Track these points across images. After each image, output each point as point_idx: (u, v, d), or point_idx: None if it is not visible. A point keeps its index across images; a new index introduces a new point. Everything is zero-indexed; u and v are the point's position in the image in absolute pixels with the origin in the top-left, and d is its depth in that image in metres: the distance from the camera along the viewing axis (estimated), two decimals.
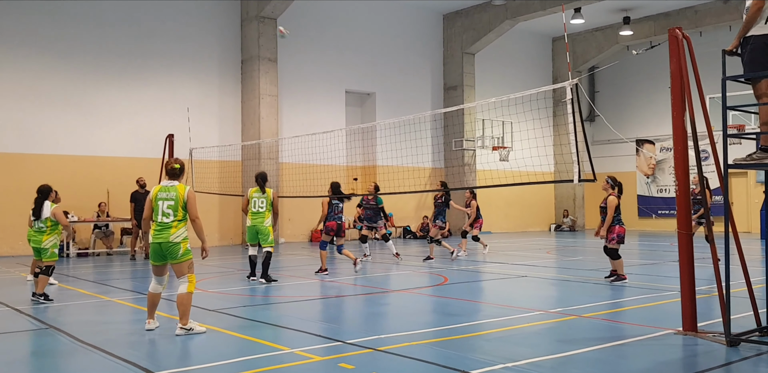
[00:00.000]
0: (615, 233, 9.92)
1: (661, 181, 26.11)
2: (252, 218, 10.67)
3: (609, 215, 9.88)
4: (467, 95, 23.81)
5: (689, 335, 6.15)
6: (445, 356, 5.42)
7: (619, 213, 9.98)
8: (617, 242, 9.92)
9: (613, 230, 9.93)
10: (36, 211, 8.80)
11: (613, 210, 9.88)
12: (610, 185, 10.08)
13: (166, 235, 6.51)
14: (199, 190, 16.64)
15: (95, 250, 16.50)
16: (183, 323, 6.45)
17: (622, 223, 10.04)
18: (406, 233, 22.66)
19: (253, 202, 10.70)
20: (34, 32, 16.55)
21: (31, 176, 15.42)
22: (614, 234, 9.92)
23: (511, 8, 22.18)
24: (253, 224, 10.65)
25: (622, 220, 10.09)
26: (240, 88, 19.85)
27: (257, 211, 10.67)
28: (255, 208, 10.68)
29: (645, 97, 26.49)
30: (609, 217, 9.89)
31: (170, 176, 6.77)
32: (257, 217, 10.64)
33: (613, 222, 9.94)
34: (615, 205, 9.88)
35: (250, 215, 10.70)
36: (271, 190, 10.90)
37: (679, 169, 6.44)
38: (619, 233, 9.92)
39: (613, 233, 9.93)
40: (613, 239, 9.92)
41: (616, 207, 9.89)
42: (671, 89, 6.45)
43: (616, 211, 9.91)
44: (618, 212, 9.96)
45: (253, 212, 10.68)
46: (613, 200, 9.91)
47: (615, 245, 9.93)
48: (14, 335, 6.78)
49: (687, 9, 23.34)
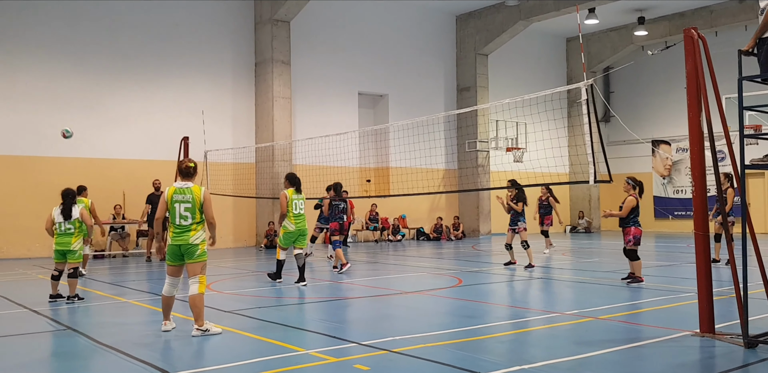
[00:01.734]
0: (631, 234, 9.86)
1: (678, 183, 25.91)
2: (296, 221, 10.11)
3: (623, 212, 9.82)
4: (480, 96, 23.77)
5: (707, 336, 6.10)
6: (460, 358, 5.41)
7: (637, 215, 9.90)
8: (634, 244, 9.86)
9: (629, 231, 9.87)
10: (66, 212, 8.89)
11: (628, 210, 9.80)
12: (631, 186, 10.01)
13: (186, 237, 6.58)
14: (213, 192, 16.74)
15: (111, 252, 16.63)
16: (199, 325, 6.49)
17: (639, 224, 9.95)
18: (419, 234, 22.64)
19: (294, 204, 10.12)
20: (50, 36, 16.72)
21: (47, 179, 15.59)
22: (630, 235, 9.87)
23: (524, 9, 22.11)
24: (298, 228, 10.10)
25: (639, 221, 10.00)
26: (254, 90, 19.94)
27: (299, 213, 10.15)
28: (296, 210, 10.12)
29: (660, 97, 26.31)
30: (623, 213, 9.82)
31: (184, 176, 6.76)
32: (300, 219, 10.15)
33: (629, 223, 9.87)
34: (632, 206, 9.80)
35: (293, 219, 10.10)
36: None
37: (696, 170, 6.38)
38: (635, 235, 9.85)
39: (629, 234, 9.87)
40: (630, 240, 9.87)
41: (633, 208, 9.81)
42: (687, 89, 6.40)
43: (633, 212, 9.83)
44: (636, 214, 9.88)
45: (295, 215, 10.11)
46: (631, 200, 9.84)
47: (633, 246, 9.88)
48: (33, 336, 6.85)
49: (702, 9, 23.17)
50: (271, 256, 16.37)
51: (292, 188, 10.19)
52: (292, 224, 10.06)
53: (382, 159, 21.76)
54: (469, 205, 23.98)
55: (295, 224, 10.03)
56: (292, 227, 10.05)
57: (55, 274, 8.97)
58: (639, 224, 9.96)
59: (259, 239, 19.47)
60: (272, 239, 18.52)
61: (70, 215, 8.88)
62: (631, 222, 9.88)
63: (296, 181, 10.24)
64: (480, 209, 23.73)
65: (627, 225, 9.89)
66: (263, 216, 19.44)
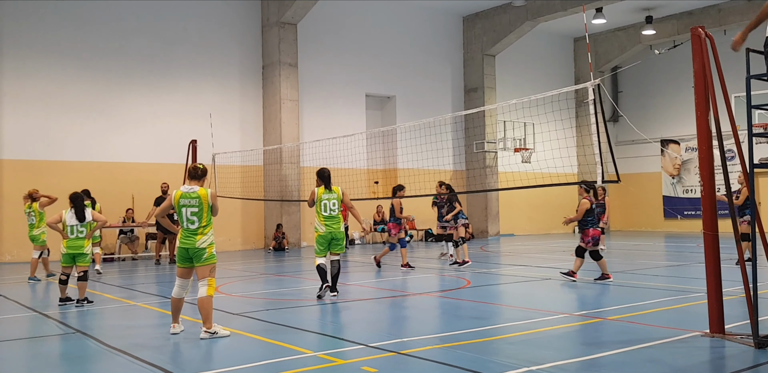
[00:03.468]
0: (590, 235, 10.23)
1: (687, 182, 25.77)
2: (326, 223, 8.96)
3: (577, 216, 10.28)
4: (488, 97, 23.73)
5: (716, 337, 6.06)
6: (468, 360, 5.40)
7: (593, 217, 10.37)
8: (593, 244, 10.24)
9: (587, 232, 10.25)
10: (79, 214, 8.94)
11: (582, 213, 10.23)
12: (584, 189, 10.46)
13: (192, 241, 6.59)
14: (221, 195, 16.80)
15: (121, 255, 16.70)
16: (207, 327, 6.50)
17: (597, 226, 10.38)
18: (427, 235, 22.62)
19: (323, 205, 8.97)
20: (59, 41, 16.83)
21: (57, 183, 15.66)
22: (589, 237, 10.24)
23: (531, 9, 22.07)
24: (328, 231, 8.93)
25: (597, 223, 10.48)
26: (261, 93, 19.99)
27: (330, 215, 8.97)
28: (326, 212, 8.95)
29: (669, 96, 26.19)
30: (578, 217, 10.29)
31: (192, 178, 6.76)
32: (332, 222, 8.98)
33: (587, 225, 10.28)
34: (585, 209, 10.23)
35: (323, 221, 8.96)
36: (339, 187, 9.24)
37: (704, 169, 6.35)
38: (593, 236, 10.25)
39: (588, 235, 10.24)
40: (589, 241, 10.24)
41: (588, 210, 10.24)
42: (695, 88, 6.37)
43: (588, 214, 10.27)
44: (592, 216, 10.34)
45: (325, 217, 8.96)
46: (584, 203, 10.28)
47: (591, 247, 10.26)
48: (42, 339, 6.88)
49: (710, 7, 23.06)
50: (280, 258, 16.41)
51: (321, 187, 9.14)
52: (322, 226, 8.98)
53: (390, 160, 21.75)
54: (477, 206, 23.94)
55: (326, 226, 8.95)
56: (322, 230, 8.97)
57: (63, 278, 9.00)
58: (597, 225, 10.37)
59: (267, 241, 19.50)
60: (280, 241, 18.55)
61: (84, 217, 8.93)
62: (589, 224, 10.26)
63: (325, 177, 9.14)
64: (488, 210, 23.69)
65: (585, 227, 10.26)
66: (271, 219, 19.48)
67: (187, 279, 6.76)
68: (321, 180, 9.16)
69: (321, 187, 9.14)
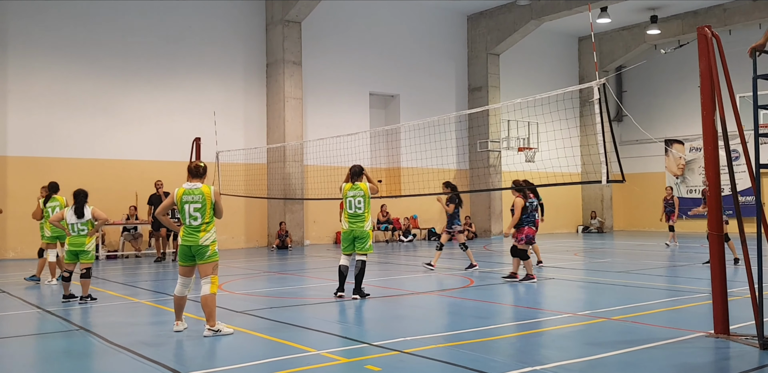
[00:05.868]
0: (524, 233, 10.36)
1: (691, 182, 25.72)
2: (350, 221, 8.77)
3: (516, 216, 10.40)
4: (492, 96, 23.70)
5: (721, 337, 6.04)
6: (472, 359, 5.39)
7: (528, 215, 10.50)
8: (526, 243, 10.37)
9: (522, 230, 10.38)
10: (78, 211, 8.95)
11: (519, 211, 10.36)
12: (517, 189, 10.66)
13: (195, 238, 6.59)
14: (225, 192, 16.81)
15: (124, 252, 16.73)
16: (210, 325, 6.50)
17: (532, 224, 10.50)
18: (431, 234, 22.61)
19: (348, 202, 8.82)
20: (64, 39, 16.85)
21: (61, 180, 15.52)
22: (523, 235, 10.36)
23: (536, 8, 22.03)
24: (351, 228, 8.74)
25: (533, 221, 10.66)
26: (265, 91, 19.99)
27: (354, 212, 8.77)
28: (351, 209, 8.77)
29: (674, 96, 26.13)
30: (515, 218, 10.40)
31: (193, 176, 6.75)
32: (356, 219, 8.77)
33: (522, 223, 10.41)
34: (521, 206, 10.38)
35: (347, 218, 8.80)
36: (365, 183, 8.97)
37: (710, 169, 6.32)
38: (527, 234, 10.38)
39: (522, 233, 10.36)
40: (522, 239, 10.37)
41: (523, 208, 10.39)
42: (701, 88, 6.34)
43: (523, 212, 10.41)
44: (526, 214, 10.46)
45: (350, 215, 8.78)
46: (518, 201, 10.43)
47: (524, 245, 10.37)
48: (45, 336, 6.89)
49: (715, 7, 22.99)
50: (283, 256, 16.41)
51: (348, 183, 8.96)
52: (345, 223, 8.83)
53: (394, 159, 21.75)
54: (480, 205, 23.92)
55: (349, 224, 8.77)
56: (345, 227, 8.83)
57: (66, 275, 9.02)
58: (532, 224, 10.52)
59: (270, 239, 19.51)
60: (284, 239, 18.56)
61: (82, 214, 8.95)
62: (525, 222, 10.43)
63: (353, 172, 8.94)
64: (491, 209, 23.67)
65: (521, 225, 10.42)
66: (275, 217, 19.49)
67: (189, 277, 6.76)
68: (352, 176, 9.02)
69: (347, 183, 9.00)
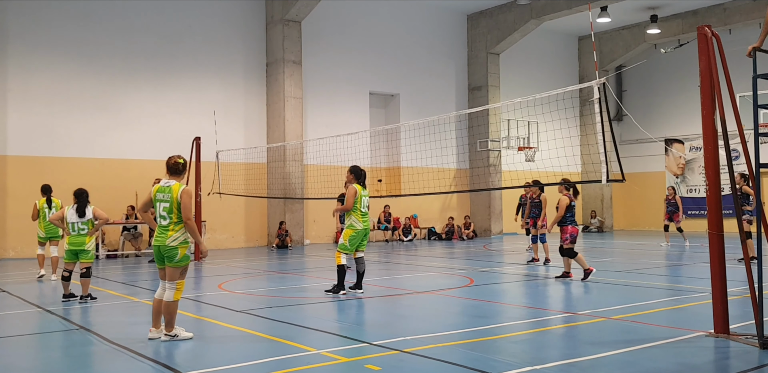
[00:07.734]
0: (568, 232, 10.39)
1: (691, 182, 25.71)
2: (363, 219, 9.25)
3: (559, 214, 10.44)
4: (492, 96, 23.70)
5: (721, 337, 6.04)
6: (471, 358, 5.39)
7: (573, 214, 10.49)
8: (570, 242, 10.39)
9: (566, 230, 10.41)
10: (80, 210, 8.96)
11: (564, 210, 10.38)
12: (565, 187, 10.60)
13: (163, 238, 6.27)
14: (225, 192, 16.82)
15: (124, 251, 16.73)
16: (168, 331, 6.24)
17: (576, 223, 10.53)
18: (431, 234, 22.61)
19: (362, 201, 9.25)
20: (64, 37, 16.84)
21: (61, 180, 15.66)
22: (567, 234, 10.40)
23: (536, 8, 22.02)
24: (365, 227, 9.28)
25: (576, 220, 10.62)
26: (265, 90, 19.98)
27: (366, 211, 9.35)
28: (364, 207, 9.30)
29: (674, 96, 26.12)
30: (559, 215, 10.44)
31: (171, 173, 6.51)
32: (367, 217, 9.37)
33: (566, 222, 10.44)
34: (566, 205, 10.37)
35: (361, 217, 9.23)
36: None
37: (710, 169, 6.32)
38: (572, 233, 10.41)
39: (566, 232, 10.40)
40: (567, 238, 10.40)
41: (568, 207, 10.38)
42: (701, 88, 6.34)
43: (568, 211, 10.42)
44: (571, 213, 10.47)
45: (363, 214, 9.26)
46: (563, 199, 10.43)
47: (569, 244, 10.40)
48: (45, 335, 6.89)
49: (715, 6, 22.97)
50: (283, 256, 16.40)
51: (359, 182, 9.33)
52: (360, 222, 9.18)
53: (394, 159, 21.75)
54: (480, 204, 23.92)
55: (363, 223, 9.20)
56: (360, 226, 9.18)
57: (66, 274, 9.01)
58: (575, 222, 10.54)
59: (270, 238, 19.51)
60: (284, 238, 18.55)
61: (84, 213, 8.95)
62: (568, 221, 10.46)
63: (362, 175, 9.38)
64: (492, 208, 23.66)
65: (564, 224, 10.45)
66: (275, 216, 19.48)
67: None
68: (357, 178, 9.33)
69: (359, 186, 9.30)
